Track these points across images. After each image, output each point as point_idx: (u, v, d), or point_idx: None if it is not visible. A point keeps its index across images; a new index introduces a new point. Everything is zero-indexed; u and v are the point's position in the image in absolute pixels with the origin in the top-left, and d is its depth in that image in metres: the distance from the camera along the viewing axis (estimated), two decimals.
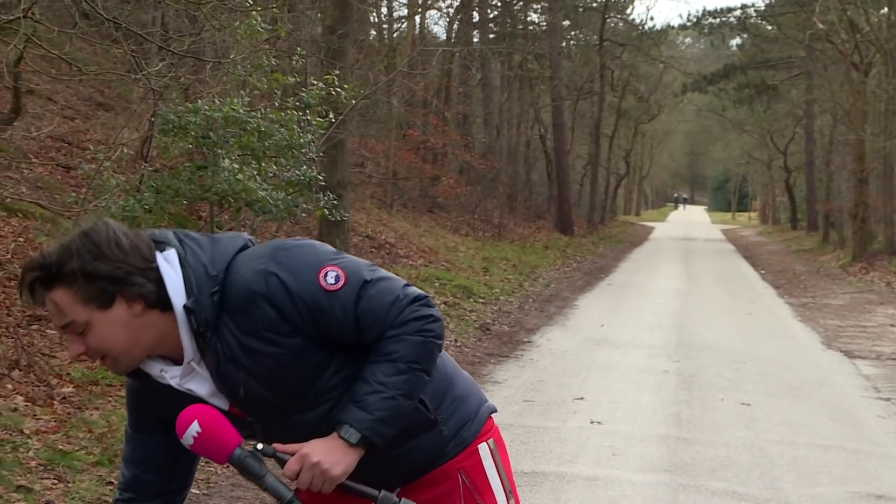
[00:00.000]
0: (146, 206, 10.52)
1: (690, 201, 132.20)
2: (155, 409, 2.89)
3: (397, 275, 3.05)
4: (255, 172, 11.01)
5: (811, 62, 45.18)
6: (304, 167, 11.78)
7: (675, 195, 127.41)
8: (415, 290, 2.79)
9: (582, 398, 10.77)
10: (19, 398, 7.99)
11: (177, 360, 2.77)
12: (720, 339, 15.88)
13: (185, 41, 13.84)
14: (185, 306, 2.66)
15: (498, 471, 2.95)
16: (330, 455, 2.63)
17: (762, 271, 32.40)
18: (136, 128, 14.31)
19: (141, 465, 2.97)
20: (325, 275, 2.69)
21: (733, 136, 74.28)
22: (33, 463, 6.94)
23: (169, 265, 2.69)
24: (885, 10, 35.09)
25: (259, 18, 12.18)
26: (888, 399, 11.73)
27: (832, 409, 11.03)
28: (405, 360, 2.69)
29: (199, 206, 11.62)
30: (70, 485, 6.74)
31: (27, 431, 7.41)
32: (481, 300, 19.30)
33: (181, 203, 11.19)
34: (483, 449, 2.93)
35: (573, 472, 8.05)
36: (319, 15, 20.22)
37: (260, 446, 2.65)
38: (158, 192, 10.63)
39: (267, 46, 12.81)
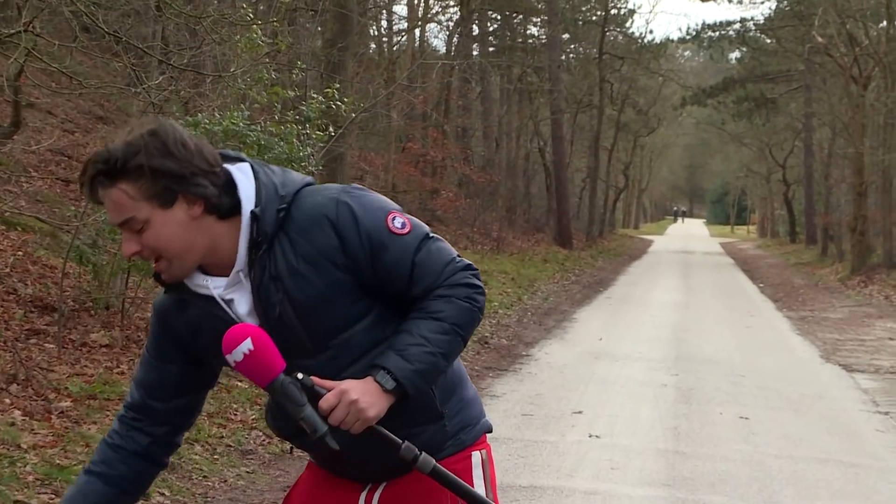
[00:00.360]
0: None
1: (689, 214, 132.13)
2: (180, 333, 2.92)
3: None
4: None
5: (810, 75, 45.26)
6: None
7: (674, 208, 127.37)
8: (467, 260, 2.85)
9: (580, 412, 10.77)
10: (17, 412, 7.99)
11: (221, 274, 2.79)
12: (719, 353, 15.88)
13: (186, 55, 13.87)
14: (252, 212, 2.70)
15: (485, 483, 2.94)
16: (367, 396, 2.62)
17: (761, 284, 32.43)
18: None
19: (151, 390, 2.98)
20: (393, 219, 2.76)
21: (732, 149, 74.31)
22: (31, 478, 6.93)
23: (242, 174, 2.75)
24: (884, 23, 35.15)
25: (259, 32, 12.20)
26: (887, 413, 11.73)
27: (831, 422, 11.03)
28: (450, 320, 2.73)
29: None
30: None
31: (25, 446, 7.41)
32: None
33: None
34: (476, 457, 2.93)
35: (572, 486, 8.05)
36: (319, 28, 20.26)
37: (300, 376, 2.62)
38: None
39: (267, 60, 12.82)
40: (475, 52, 43.25)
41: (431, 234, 2.83)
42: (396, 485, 2.90)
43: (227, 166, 2.77)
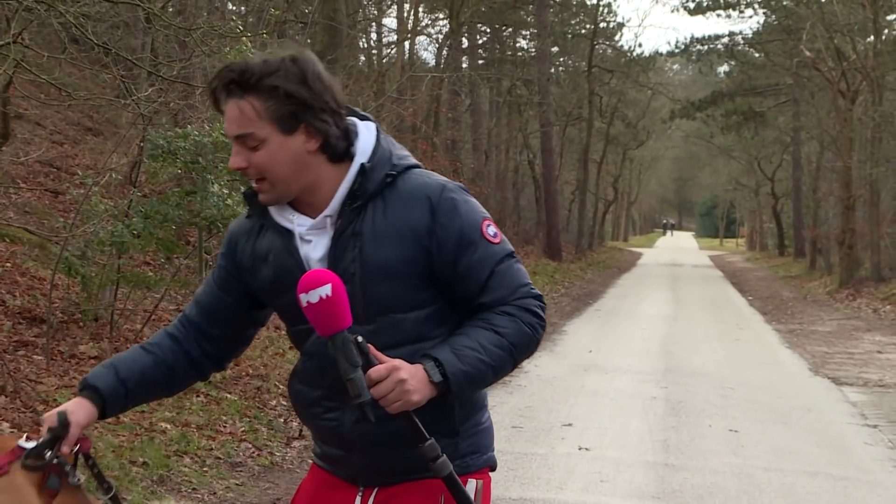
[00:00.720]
0: (135, 232, 10.53)
1: (678, 227, 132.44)
2: (243, 262, 2.96)
3: None
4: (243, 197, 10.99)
5: (798, 89, 45.43)
6: None
7: (664, 221, 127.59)
8: (539, 291, 2.88)
9: (570, 424, 10.77)
10: (5, 424, 7.95)
11: (308, 214, 2.83)
12: (708, 365, 15.90)
13: (175, 66, 13.86)
14: (362, 164, 2.76)
15: None
16: (415, 380, 2.61)
17: (750, 297, 32.49)
18: (125, 153, 14.32)
19: (204, 312, 3.03)
20: (488, 225, 2.83)
21: (721, 162, 74.54)
22: None
23: (367, 130, 2.83)
24: (872, 38, 35.30)
25: (249, 44, 12.21)
26: (875, 426, 11.75)
27: (819, 435, 11.04)
28: (510, 339, 2.75)
29: (188, 231, 11.64)
30: None
31: None
32: None
33: (170, 228, 11.19)
34: (471, 484, 2.87)
35: (561, 499, 8.04)
36: (309, 41, 20.27)
37: (360, 339, 2.60)
38: (147, 218, 10.63)
39: None
40: (465, 65, 43.33)
41: (515, 255, 2.88)
42: (388, 492, 2.87)
43: (355, 119, 2.86)
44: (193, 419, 9.42)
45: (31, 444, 2.75)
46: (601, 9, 48.97)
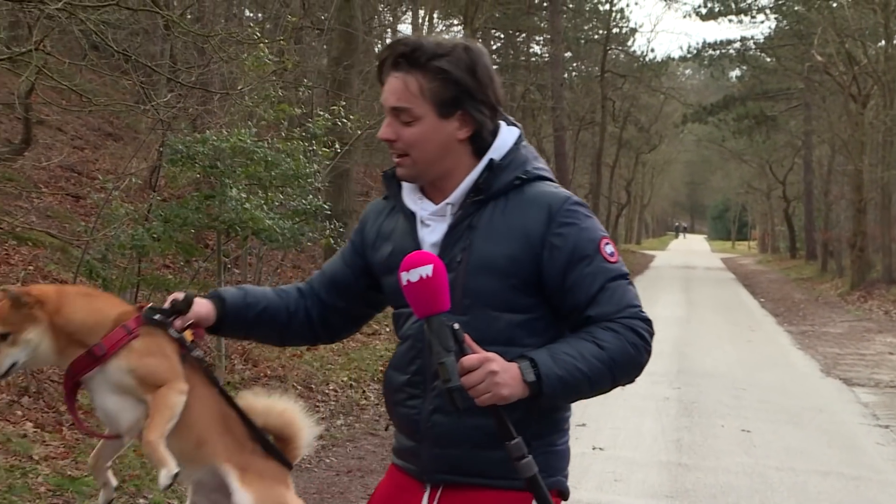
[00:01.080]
0: (154, 235, 10.55)
1: (690, 230, 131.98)
2: (369, 237, 3.02)
3: None
4: (262, 202, 11.03)
5: (810, 94, 45.33)
6: (310, 196, 11.81)
7: (676, 224, 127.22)
8: (649, 317, 2.84)
9: (584, 424, 10.77)
10: (29, 424, 8.00)
11: (433, 200, 2.87)
12: (720, 367, 15.88)
13: (194, 73, 13.92)
14: (491, 159, 2.80)
15: None
16: (507, 375, 2.57)
17: (761, 299, 32.42)
18: (145, 157, 14.36)
19: (327, 282, 3.11)
20: (606, 244, 2.80)
21: (733, 165, 74.23)
22: (42, 489, 6.95)
23: (509, 133, 2.86)
24: (883, 42, 35.22)
25: (266, 50, 12.24)
26: (887, 426, 11.73)
27: (831, 435, 11.04)
28: (611, 353, 2.68)
29: (207, 234, 11.68)
30: None
31: (36, 457, 7.42)
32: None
33: (189, 232, 11.22)
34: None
35: (576, 498, 8.00)
36: (325, 47, 20.30)
37: (457, 326, 2.58)
38: (166, 221, 10.65)
39: (274, 78, 12.87)
40: None
41: (629, 278, 2.84)
42: (454, 495, 2.83)
43: (501, 122, 2.88)
44: None
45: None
46: (614, 14, 48.99)
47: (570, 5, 47.27)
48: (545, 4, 44.79)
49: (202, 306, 2.92)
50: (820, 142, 47.31)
